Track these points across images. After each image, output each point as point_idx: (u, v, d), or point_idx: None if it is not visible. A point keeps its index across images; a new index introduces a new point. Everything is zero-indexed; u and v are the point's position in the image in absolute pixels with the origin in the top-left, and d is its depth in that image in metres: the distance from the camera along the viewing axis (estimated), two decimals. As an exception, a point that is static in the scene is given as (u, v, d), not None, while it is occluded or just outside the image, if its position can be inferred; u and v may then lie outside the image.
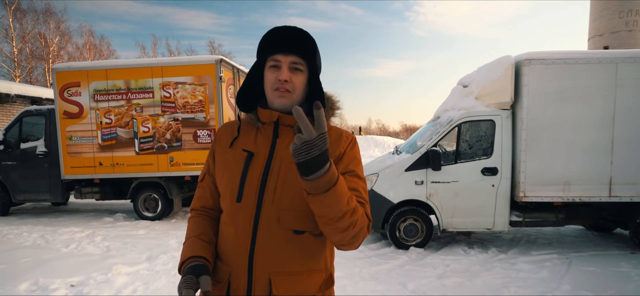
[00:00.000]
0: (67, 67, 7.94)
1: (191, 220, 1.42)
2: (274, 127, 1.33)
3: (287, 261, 1.25)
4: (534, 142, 5.49)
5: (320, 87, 1.34)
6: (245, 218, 1.25)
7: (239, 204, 1.26)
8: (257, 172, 1.27)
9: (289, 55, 1.25)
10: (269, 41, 1.27)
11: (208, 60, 7.64)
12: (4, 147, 8.43)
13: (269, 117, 1.32)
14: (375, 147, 25.22)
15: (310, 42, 1.29)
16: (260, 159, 1.29)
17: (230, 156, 1.33)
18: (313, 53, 1.30)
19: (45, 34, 29.25)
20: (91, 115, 7.83)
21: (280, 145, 1.30)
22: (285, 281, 1.24)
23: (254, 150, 1.30)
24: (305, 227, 1.26)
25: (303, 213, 1.24)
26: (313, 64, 1.31)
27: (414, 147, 6.12)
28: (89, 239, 6.49)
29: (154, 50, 39.90)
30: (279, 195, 1.24)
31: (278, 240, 1.24)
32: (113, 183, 8.30)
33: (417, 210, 5.83)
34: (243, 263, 1.25)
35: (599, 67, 5.40)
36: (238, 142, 1.34)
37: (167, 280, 4.65)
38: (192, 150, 7.69)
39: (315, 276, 1.31)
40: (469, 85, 6.23)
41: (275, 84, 1.26)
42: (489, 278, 4.72)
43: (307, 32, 1.29)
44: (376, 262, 5.33)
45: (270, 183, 1.26)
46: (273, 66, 1.27)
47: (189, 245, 1.32)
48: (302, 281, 1.27)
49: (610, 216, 5.93)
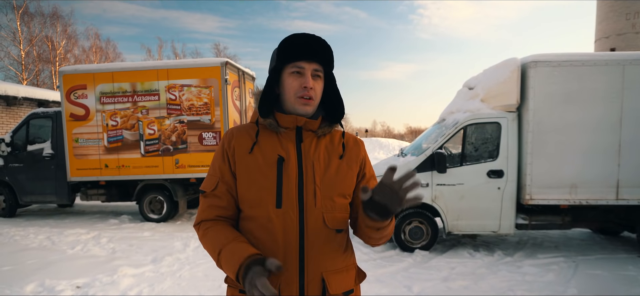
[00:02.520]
0: (74, 69, 7.99)
1: (212, 230, 1.30)
2: (296, 131, 1.35)
3: (335, 259, 1.33)
4: (540, 144, 5.46)
5: (339, 95, 1.41)
6: (289, 223, 1.27)
7: (279, 210, 1.27)
8: (292, 177, 1.29)
9: (312, 62, 1.29)
10: (292, 48, 1.28)
11: (213, 62, 7.67)
12: (11, 149, 8.50)
13: (294, 122, 1.33)
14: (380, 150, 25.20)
15: (329, 50, 1.33)
16: (291, 164, 1.30)
17: (256, 161, 1.31)
18: (331, 60, 1.35)
19: (52, 37, 29.50)
20: (97, 117, 7.87)
21: (306, 149, 1.34)
22: (336, 278, 1.32)
23: (284, 155, 1.31)
24: (344, 226, 1.37)
25: (343, 213, 1.36)
26: (329, 70, 1.36)
27: (420, 150, 6.10)
28: (95, 241, 6.52)
29: (159, 53, 40.08)
30: (319, 198, 1.29)
31: (326, 240, 1.31)
32: (119, 185, 8.33)
33: (423, 213, 5.81)
34: (293, 267, 1.27)
35: (605, 69, 5.36)
36: (260, 147, 1.33)
37: (172, 281, 4.66)
38: (197, 153, 7.71)
39: (352, 271, 1.42)
40: (475, 88, 6.20)
41: (299, 91, 1.29)
42: (494, 281, 4.69)
43: (325, 40, 1.32)
44: (381, 265, 5.31)
45: (309, 187, 1.29)
46: (296, 73, 1.29)
47: (233, 249, 1.20)
48: (346, 277, 1.37)
49: (617, 219, 5.87)
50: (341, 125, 1.44)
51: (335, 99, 1.39)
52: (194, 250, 5.94)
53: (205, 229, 1.32)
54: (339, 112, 1.39)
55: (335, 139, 1.41)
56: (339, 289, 1.32)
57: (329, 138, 1.40)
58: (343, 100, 1.41)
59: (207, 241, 1.31)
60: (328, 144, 1.38)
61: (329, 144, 1.38)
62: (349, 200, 1.39)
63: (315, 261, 1.28)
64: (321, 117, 1.38)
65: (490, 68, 6.14)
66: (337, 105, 1.39)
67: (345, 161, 1.38)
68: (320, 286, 1.29)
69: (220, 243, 1.25)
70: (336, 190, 1.33)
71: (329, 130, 1.39)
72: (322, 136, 1.38)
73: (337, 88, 1.40)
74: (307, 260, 1.27)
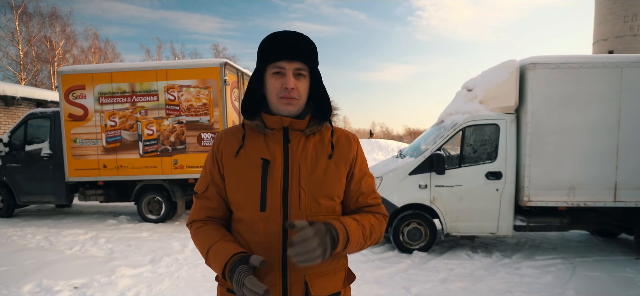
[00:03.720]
0: (73, 70, 7.98)
1: (202, 230, 1.34)
2: (283, 132, 1.32)
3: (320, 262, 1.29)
4: (538, 146, 5.47)
5: (325, 92, 1.37)
6: (273, 226, 1.25)
7: (263, 213, 1.26)
8: (277, 180, 1.27)
9: (292, 62, 1.25)
10: (271, 48, 1.25)
11: (212, 63, 7.67)
12: (10, 149, 8.49)
13: (280, 123, 1.30)
14: (379, 151, 25.22)
15: (312, 47, 1.30)
16: (277, 166, 1.28)
17: (242, 165, 1.30)
18: (315, 58, 1.31)
19: (50, 37, 29.44)
20: (96, 117, 7.86)
21: (293, 150, 1.30)
22: (320, 281, 1.30)
23: (269, 157, 1.29)
24: None
25: (329, 217, 1.30)
26: (314, 67, 1.32)
27: (418, 151, 6.11)
28: (93, 241, 6.51)
29: (158, 53, 40.06)
30: (304, 201, 1.27)
31: None
32: (117, 185, 8.32)
33: (421, 214, 5.81)
34: (276, 270, 1.26)
35: (603, 72, 5.38)
36: (246, 149, 1.31)
37: (170, 282, 4.65)
38: (196, 153, 7.71)
39: (340, 273, 1.38)
40: (473, 89, 6.21)
41: (281, 92, 1.26)
42: (493, 283, 4.69)
43: (307, 37, 1.29)
44: (379, 266, 5.31)
45: (293, 190, 1.27)
46: (277, 73, 1.26)
47: (219, 248, 1.24)
48: (331, 280, 1.34)
49: (615, 221, 5.89)
50: (330, 122, 1.40)
51: (322, 97, 1.36)
52: (192, 250, 5.93)
53: (196, 229, 1.36)
54: (326, 109, 1.36)
55: (325, 138, 1.37)
56: (323, 291, 1.30)
57: (318, 136, 1.36)
58: (330, 97, 1.37)
59: (197, 241, 1.34)
60: (317, 143, 1.35)
61: (319, 143, 1.35)
62: (337, 202, 1.36)
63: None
64: (310, 115, 1.35)
65: (489, 70, 6.16)
66: (323, 103, 1.36)
67: (333, 161, 1.34)
68: (303, 289, 1.27)
69: (209, 242, 1.28)
70: (322, 191, 1.30)
71: (318, 128, 1.35)
72: (311, 135, 1.35)
73: (323, 85, 1.36)
74: (289, 263, 1.24)
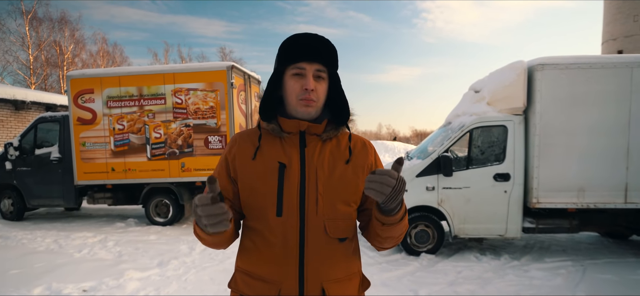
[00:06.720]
0: (81, 74, 8.06)
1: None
2: (300, 136, 1.30)
3: (335, 268, 1.28)
4: (547, 147, 5.42)
5: (344, 96, 1.36)
6: (290, 231, 1.24)
7: (280, 218, 1.24)
8: (293, 184, 1.25)
9: (313, 63, 1.23)
10: (293, 48, 1.24)
11: (219, 66, 7.71)
12: (20, 153, 8.58)
13: (297, 127, 1.29)
14: (385, 152, 25.12)
15: (332, 51, 1.28)
16: (293, 170, 1.26)
17: (258, 168, 1.28)
18: (335, 61, 1.30)
19: (60, 42, 29.74)
20: (104, 121, 7.93)
21: (310, 155, 1.29)
22: (336, 288, 1.28)
23: (286, 161, 1.27)
24: (347, 234, 1.32)
25: (346, 222, 1.30)
26: (333, 71, 1.31)
27: (425, 153, 6.08)
28: (101, 244, 6.56)
29: (165, 57, 40.39)
30: (321, 205, 1.25)
31: (327, 249, 1.26)
32: (125, 188, 8.37)
33: (429, 216, 5.78)
34: (293, 277, 1.24)
35: (613, 72, 5.32)
36: (262, 153, 1.29)
37: (178, 285, 4.67)
38: (203, 156, 7.74)
39: (355, 279, 1.36)
40: (481, 91, 6.17)
41: (301, 94, 1.24)
42: (501, 286, 4.65)
43: (328, 40, 1.28)
44: (387, 269, 5.29)
45: (310, 194, 1.25)
46: (297, 74, 1.25)
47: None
48: (348, 286, 1.32)
49: (626, 223, 5.80)
50: (348, 127, 1.38)
51: (340, 101, 1.34)
52: (200, 253, 5.95)
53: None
54: (344, 114, 1.34)
55: (342, 143, 1.35)
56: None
57: (335, 142, 1.34)
58: (348, 102, 1.35)
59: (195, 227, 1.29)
60: (334, 148, 1.33)
61: (335, 148, 1.33)
62: (354, 208, 1.33)
63: (315, 270, 1.24)
64: (327, 120, 1.33)
65: (497, 71, 6.11)
66: (342, 107, 1.34)
67: (350, 166, 1.32)
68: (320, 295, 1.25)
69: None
70: (340, 197, 1.28)
71: (335, 133, 1.34)
72: (328, 140, 1.33)
73: (342, 89, 1.35)
74: (306, 269, 1.23)
